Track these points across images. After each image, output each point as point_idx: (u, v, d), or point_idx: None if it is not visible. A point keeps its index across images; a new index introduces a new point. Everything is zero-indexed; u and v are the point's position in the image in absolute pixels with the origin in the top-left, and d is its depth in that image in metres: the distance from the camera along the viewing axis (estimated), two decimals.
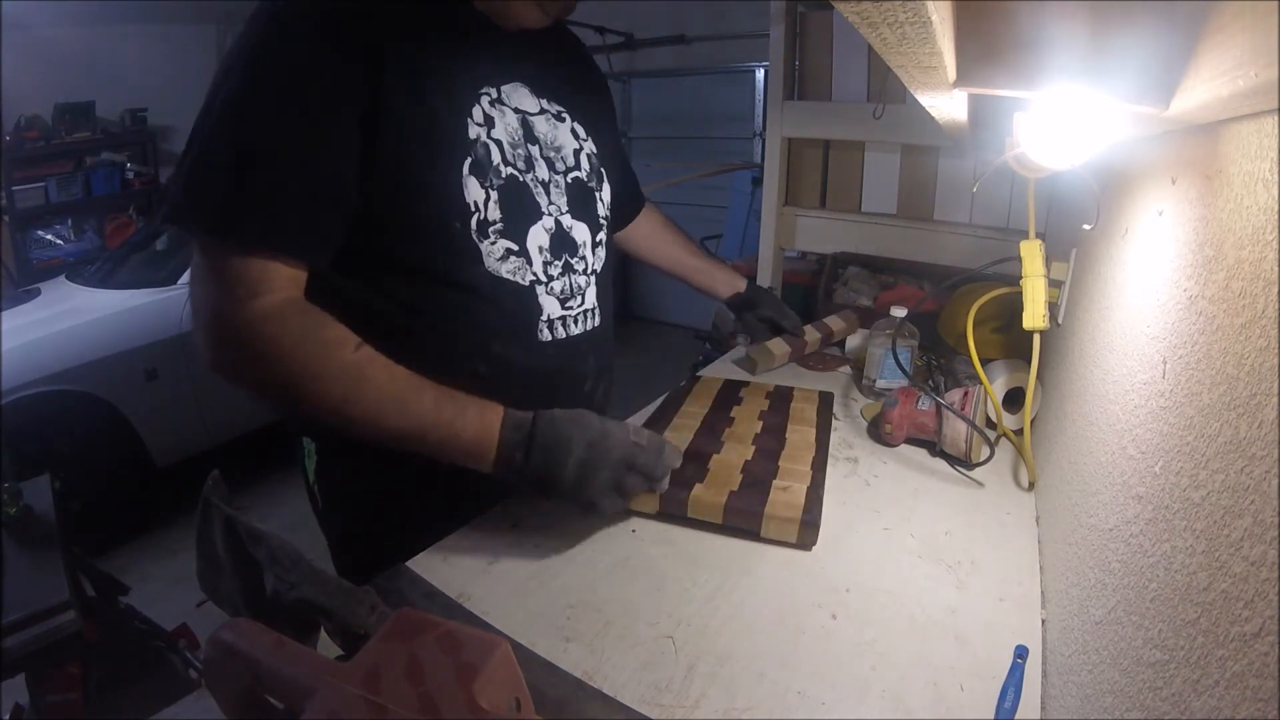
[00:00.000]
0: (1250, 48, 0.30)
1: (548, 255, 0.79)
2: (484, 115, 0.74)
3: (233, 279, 0.63)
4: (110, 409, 2.38)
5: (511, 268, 0.76)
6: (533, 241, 0.78)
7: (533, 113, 0.79)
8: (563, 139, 0.82)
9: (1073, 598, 0.59)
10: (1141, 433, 0.50)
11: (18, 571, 1.25)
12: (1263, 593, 0.28)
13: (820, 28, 1.49)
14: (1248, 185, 0.37)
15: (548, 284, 0.80)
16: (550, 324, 0.81)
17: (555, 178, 0.80)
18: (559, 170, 0.81)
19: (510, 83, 0.77)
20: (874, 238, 1.55)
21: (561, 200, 0.81)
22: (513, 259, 0.76)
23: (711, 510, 0.77)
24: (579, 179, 0.83)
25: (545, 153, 0.79)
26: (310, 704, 0.38)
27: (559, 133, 0.82)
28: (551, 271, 0.80)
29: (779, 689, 0.57)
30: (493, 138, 0.74)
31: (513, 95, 0.77)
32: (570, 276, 0.82)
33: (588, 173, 0.85)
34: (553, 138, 0.81)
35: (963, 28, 0.45)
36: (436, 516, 0.79)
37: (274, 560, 0.50)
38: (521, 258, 0.77)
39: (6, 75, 3.38)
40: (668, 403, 1.05)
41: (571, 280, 0.82)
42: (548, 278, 0.79)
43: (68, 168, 3.86)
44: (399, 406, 0.66)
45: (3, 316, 2.35)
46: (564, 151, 0.82)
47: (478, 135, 0.73)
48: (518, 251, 0.76)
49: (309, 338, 0.65)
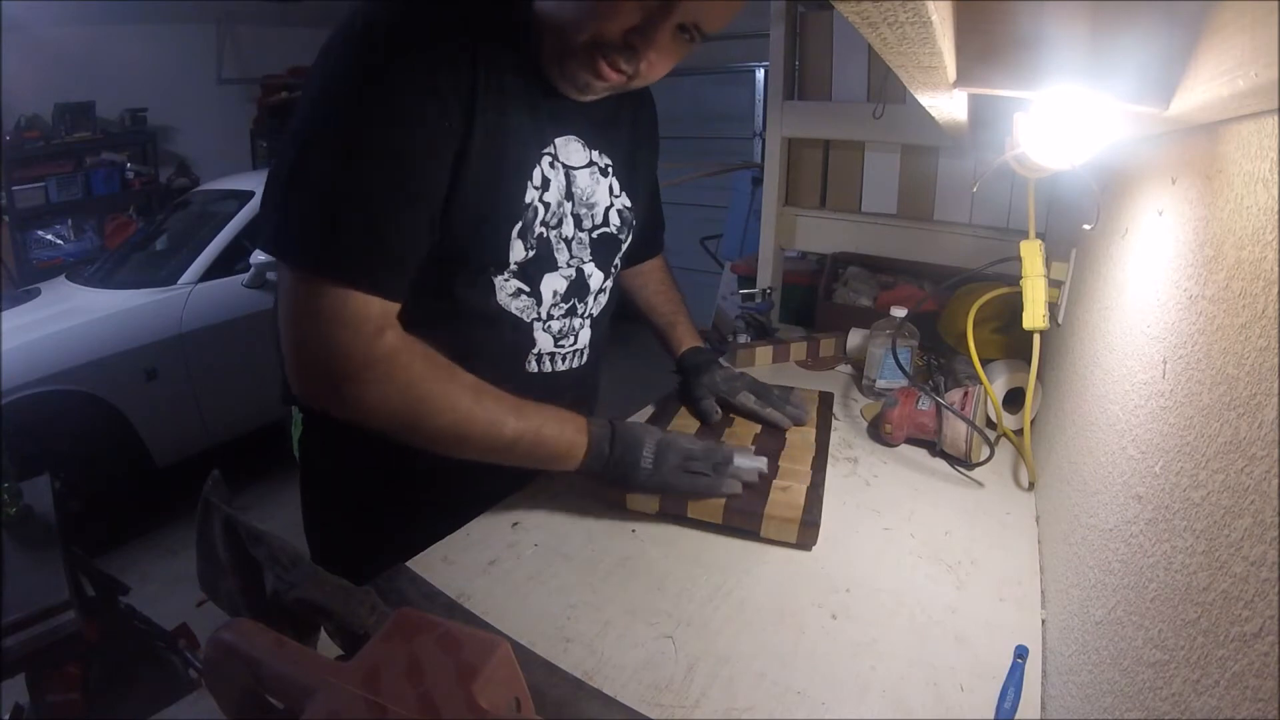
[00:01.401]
0: (1250, 48, 0.30)
1: (558, 299, 0.80)
2: (542, 178, 0.74)
3: (357, 317, 0.64)
4: (110, 409, 2.37)
5: (520, 305, 0.78)
6: (547, 286, 0.79)
7: (578, 166, 0.79)
8: (599, 195, 0.82)
9: (1073, 598, 0.59)
10: (1141, 433, 0.50)
11: (18, 571, 1.26)
12: (1263, 593, 0.28)
13: (820, 28, 1.49)
14: (1248, 185, 0.37)
15: (546, 322, 0.81)
16: (539, 358, 0.82)
17: (580, 235, 0.81)
18: (585, 228, 0.81)
19: (565, 135, 0.77)
20: (874, 238, 1.55)
21: (584, 252, 0.82)
22: (523, 298, 0.78)
23: (711, 510, 0.77)
24: (606, 234, 0.84)
25: (577, 209, 0.79)
26: (310, 704, 0.38)
27: (598, 188, 0.82)
28: (555, 313, 0.81)
29: (779, 689, 0.57)
30: (543, 200, 0.75)
31: (564, 149, 0.77)
32: (571, 319, 0.83)
33: (617, 227, 0.85)
34: (590, 193, 0.81)
35: (963, 27, 0.45)
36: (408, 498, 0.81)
37: (274, 560, 0.50)
38: (532, 299, 0.78)
39: (6, 75, 3.37)
40: (667, 402, 1.05)
41: (570, 322, 0.83)
42: (549, 317, 0.81)
43: (68, 168, 3.85)
44: (508, 419, 0.71)
45: (3, 316, 2.35)
46: (596, 209, 0.82)
47: (532, 199, 0.74)
48: (529, 293, 0.78)
49: (433, 363, 0.68)
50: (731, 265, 2.98)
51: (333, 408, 0.66)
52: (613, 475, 0.77)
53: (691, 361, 1.04)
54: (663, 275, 1.11)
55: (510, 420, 0.71)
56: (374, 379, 0.65)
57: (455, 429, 0.69)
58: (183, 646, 1.60)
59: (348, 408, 0.66)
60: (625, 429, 0.79)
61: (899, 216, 1.53)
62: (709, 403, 0.99)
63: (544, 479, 0.87)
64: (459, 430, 0.69)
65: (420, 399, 0.67)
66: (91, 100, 3.82)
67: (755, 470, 0.80)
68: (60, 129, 3.77)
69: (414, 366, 0.67)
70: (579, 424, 0.77)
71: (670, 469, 0.77)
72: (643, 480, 0.77)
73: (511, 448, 0.72)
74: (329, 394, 0.66)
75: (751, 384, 1.01)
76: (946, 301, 1.31)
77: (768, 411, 0.97)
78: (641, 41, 0.65)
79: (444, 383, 0.69)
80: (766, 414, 0.97)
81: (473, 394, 0.70)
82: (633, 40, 0.65)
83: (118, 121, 4.03)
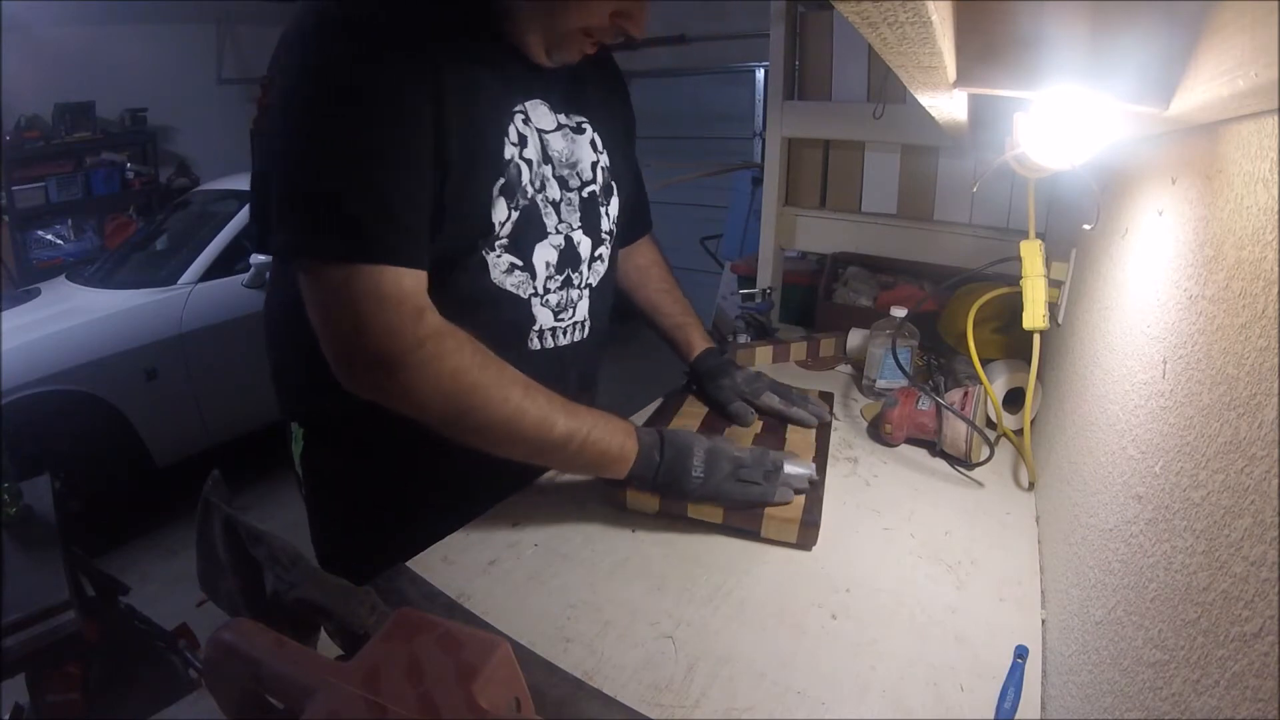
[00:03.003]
0: (1250, 48, 0.30)
1: (552, 270, 0.80)
2: (518, 135, 0.74)
3: (396, 294, 0.63)
4: (110, 409, 2.37)
5: (515, 281, 0.77)
6: (539, 257, 0.78)
7: (549, 130, 0.78)
8: (580, 153, 0.81)
9: (1073, 598, 0.59)
10: (1141, 433, 0.50)
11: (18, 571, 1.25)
12: (1263, 593, 0.28)
13: (820, 28, 1.49)
14: (1248, 185, 0.37)
15: (544, 296, 0.80)
16: (541, 334, 0.81)
17: (568, 195, 0.80)
18: (573, 187, 0.80)
19: (533, 99, 0.77)
20: (874, 238, 1.55)
21: (574, 217, 0.81)
22: (517, 273, 0.77)
23: (711, 510, 0.77)
24: (593, 193, 0.83)
25: (559, 171, 0.79)
26: (310, 704, 0.38)
27: (576, 146, 0.81)
28: (551, 285, 0.80)
29: (779, 689, 0.57)
30: (524, 158, 0.74)
31: (534, 113, 0.77)
32: (568, 290, 0.82)
33: (601, 186, 0.84)
34: (569, 153, 0.80)
35: (963, 27, 0.45)
36: (415, 505, 0.80)
37: (274, 560, 0.50)
38: (526, 272, 0.77)
39: (6, 75, 3.37)
40: (668, 402, 1.05)
41: (568, 293, 0.82)
42: (545, 290, 0.80)
43: (68, 168, 3.85)
44: (559, 416, 0.70)
45: (3, 316, 2.35)
46: (580, 166, 0.81)
47: (512, 155, 0.73)
48: (522, 267, 0.77)
49: (482, 352, 0.68)
50: (731, 265, 2.98)
51: (386, 394, 0.66)
52: (663, 484, 0.75)
53: (707, 365, 1.03)
54: (662, 272, 1.09)
55: (561, 418, 0.70)
56: (425, 360, 0.64)
57: (507, 423, 0.68)
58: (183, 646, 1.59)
59: (399, 393, 0.65)
60: (674, 436, 0.77)
61: (899, 216, 1.53)
62: (740, 405, 0.97)
63: (544, 479, 0.87)
64: (510, 425, 0.68)
65: (473, 386, 0.66)
66: (91, 100, 3.82)
67: (806, 476, 0.78)
68: (60, 129, 3.77)
69: (464, 351, 0.67)
70: (628, 429, 0.76)
71: (723, 478, 0.75)
72: (695, 489, 0.75)
73: (562, 446, 0.71)
74: (382, 380, 0.65)
75: (773, 384, 1.01)
76: (946, 301, 1.31)
77: (793, 411, 0.97)
78: (630, 24, 0.69)
79: (494, 373, 0.68)
80: (793, 413, 0.97)
81: (523, 387, 0.69)
82: (621, 23, 0.69)
83: (118, 121, 4.03)
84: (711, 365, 1.02)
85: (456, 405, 0.67)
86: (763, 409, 0.98)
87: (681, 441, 0.77)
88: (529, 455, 0.72)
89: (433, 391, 0.66)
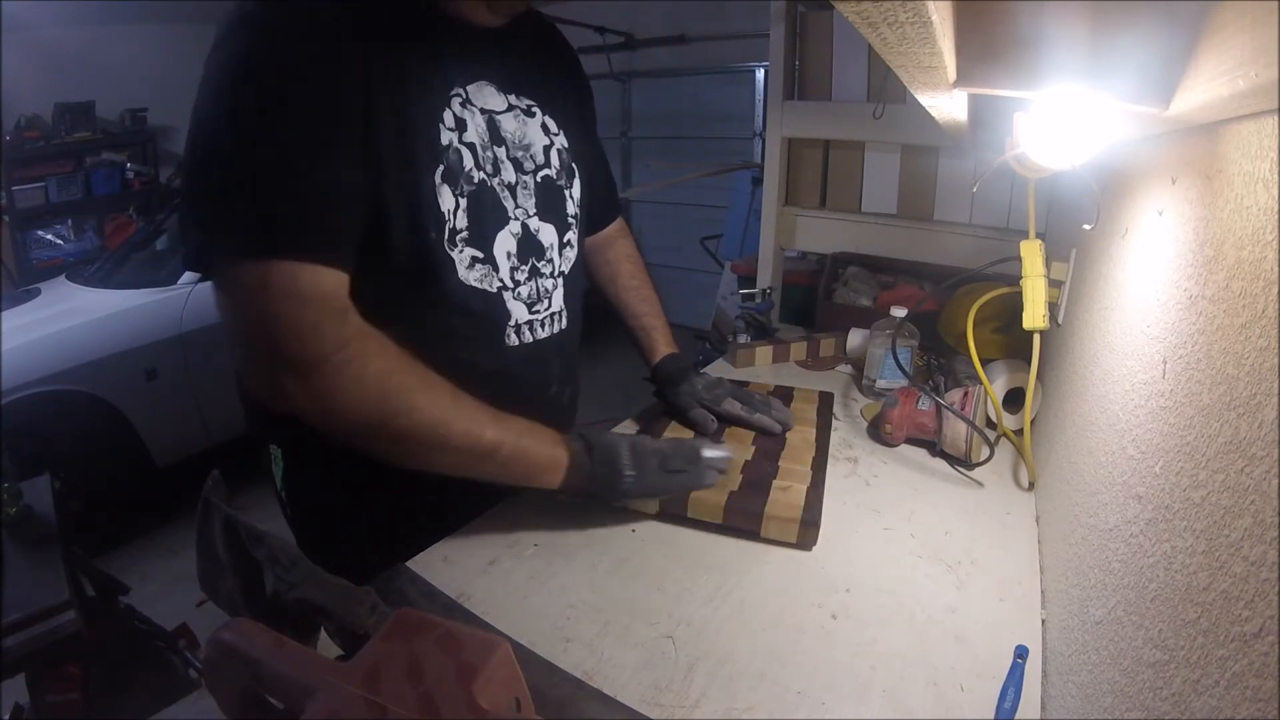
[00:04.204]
0: (1250, 48, 0.30)
1: (515, 261, 0.78)
2: (455, 119, 0.71)
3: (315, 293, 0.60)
4: (110, 409, 2.37)
5: (479, 275, 0.75)
6: (500, 248, 0.76)
7: (499, 110, 0.76)
8: (532, 135, 0.79)
9: (1073, 598, 0.59)
10: (1141, 433, 0.50)
11: (18, 571, 1.26)
12: (1263, 593, 0.28)
13: (820, 28, 1.49)
14: (1248, 185, 0.37)
15: (514, 289, 0.78)
16: (518, 329, 0.79)
17: (523, 178, 0.78)
18: (527, 170, 0.78)
19: (475, 82, 0.74)
20: (874, 238, 1.55)
21: (529, 203, 0.78)
22: (479, 266, 0.74)
23: (711, 510, 0.77)
24: (548, 177, 0.81)
25: (513, 153, 0.77)
26: (310, 704, 0.38)
27: (528, 129, 0.79)
28: (519, 277, 0.78)
29: (779, 689, 0.57)
30: (464, 142, 0.72)
31: (478, 95, 0.74)
32: (537, 280, 0.80)
33: (557, 170, 0.82)
34: (521, 135, 0.78)
35: (963, 27, 0.45)
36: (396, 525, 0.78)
37: (274, 560, 0.50)
38: (488, 265, 0.75)
39: (6, 75, 3.38)
40: (654, 416, 1.04)
41: (538, 284, 0.80)
42: (514, 283, 0.78)
43: (68, 168, 3.86)
44: (487, 424, 0.68)
45: (3, 316, 2.35)
46: (533, 149, 0.79)
47: (450, 141, 0.70)
48: (484, 259, 0.75)
49: (406, 356, 0.65)
50: (731, 265, 2.98)
51: (297, 400, 0.61)
52: (599, 488, 0.75)
53: (667, 370, 1.01)
54: (633, 268, 1.06)
55: (489, 426, 0.68)
56: (347, 362, 0.61)
57: (433, 429, 0.65)
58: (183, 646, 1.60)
59: (315, 399, 0.61)
60: (599, 439, 0.76)
61: (899, 216, 1.53)
62: (699, 412, 0.97)
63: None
64: (437, 432, 0.65)
65: (397, 390, 0.63)
66: (91, 100, 3.82)
67: (725, 459, 0.81)
68: (60, 129, 3.78)
69: (388, 353, 0.64)
70: (556, 437, 0.74)
71: (652, 472, 0.76)
72: (629, 488, 0.75)
73: (490, 455, 0.68)
74: (295, 385, 0.61)
75: (733, 390, 1.00)
76: (946, 301, 1.31)
77: (756, 417, 0.96)
78: None
79: (420, 376, 0.65)
80: (756, 420, 0.96)
81: (450, 393, 0.66)
82: None
83: (118, 121, 4.04)
84: (672, 370, 1.01)
85: (380, 410, 0.63)
86: (724, 416, 0.98)
87: (608, 444, 0.76)
88: (455, 466, 0.68)
89: (353, 396, 0.62)
